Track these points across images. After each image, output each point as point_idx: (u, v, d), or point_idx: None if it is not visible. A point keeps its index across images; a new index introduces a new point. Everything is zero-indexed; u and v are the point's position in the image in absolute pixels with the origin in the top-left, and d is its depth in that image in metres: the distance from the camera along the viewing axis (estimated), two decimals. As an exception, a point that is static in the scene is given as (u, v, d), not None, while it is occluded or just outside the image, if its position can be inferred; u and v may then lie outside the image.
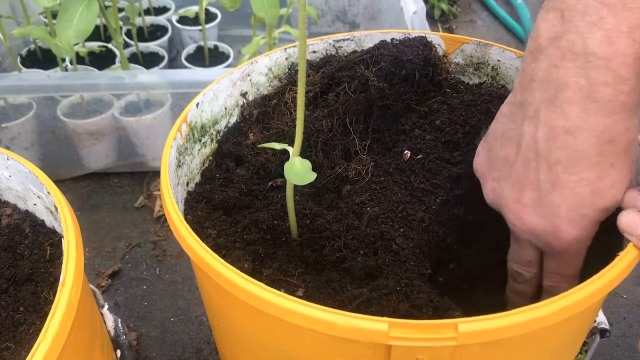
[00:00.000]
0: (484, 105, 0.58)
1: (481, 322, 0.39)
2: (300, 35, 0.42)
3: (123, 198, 1.16)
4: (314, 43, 0.70)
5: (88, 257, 1.03)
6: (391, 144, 0.59)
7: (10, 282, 0.54)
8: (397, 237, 0.50)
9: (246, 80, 0.68)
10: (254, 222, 0.54)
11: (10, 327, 0.51)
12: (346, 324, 0.39)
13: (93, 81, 1.00)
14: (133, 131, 1.12)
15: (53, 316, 0.42)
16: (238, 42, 1.55)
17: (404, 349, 0.40)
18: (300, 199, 0.57)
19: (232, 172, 0.62)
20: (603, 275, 0.41)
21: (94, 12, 0.88)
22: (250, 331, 0.49)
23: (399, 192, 0.54)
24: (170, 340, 0.90)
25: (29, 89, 1.00)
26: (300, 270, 0.51)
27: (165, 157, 0.55)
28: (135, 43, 1.35)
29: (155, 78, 1.00)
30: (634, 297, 0.96)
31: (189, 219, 0.56)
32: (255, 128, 0.65)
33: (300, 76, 0.44)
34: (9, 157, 0.58)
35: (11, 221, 0.60)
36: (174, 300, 0.96)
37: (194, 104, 0.62)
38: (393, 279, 0.47)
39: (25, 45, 1.40)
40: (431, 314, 0.45)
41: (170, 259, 1.03)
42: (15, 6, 1.40)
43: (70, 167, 1.17)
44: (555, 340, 0.46)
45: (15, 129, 1.08)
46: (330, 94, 0.61)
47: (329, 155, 0.59)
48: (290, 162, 0.48)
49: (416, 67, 0.60)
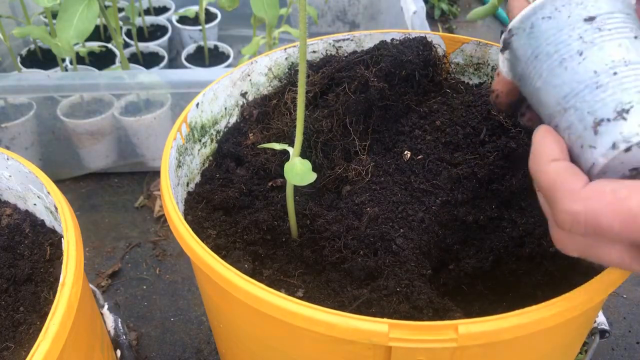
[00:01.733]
0: (484, 105, 0.58)
1: (481, 323, 0.39)
2: (301, 35, 0.42)
3: (123, 198, 1.16)
4: (314, 43, 0.70)
5: (88, 257, 1.02)
6: (391, 144, 0.59)
7: (10, 282, 0.54)
8: (397, 237, 0.50)
9: (246, 80, 0.68)
10: (254, 223, 0.54)
11: (10, 327, 0.51)
12: (346, 325, 0.39)
13: (93, 81, 1.00)
14: (133, 131, 1.12)
15: (53, 316, 0.42)
16: (238, 42, 1.55)
17: (404, 350, 0.40)
18: (300, 200, 0.56)
19: (232, 172, 0.62)
20: (603, 277, 0.41)
21: (94, 12, 0.88)
22: (250, 332, 0.49)
23: (399, 193, 0.54)
24: (170, 340, 0.90)
25: (29, 89, 1.00)
26: (300, 270, 0.51)
27: (165, 157, 0.55)
28: (135, 43, 1.35)
29: (155, 78, 1.00)
30: (634, 297, 0.96)
31: (189, 220, 0.56)
32: (255, 128, 0.65)
33: (300, 76, 0.44)
34: (9, 157, 0.58)
35: (11, 221, 0.60)
36: (174, 300, 0.96)
37: (194, 104, 0.62)
38: (393, 280, 0.47)
39: (25, 45, 1.40)
40: (431, 315, 0.45)
41: (170, 259, 1.03)
42: (15, 6, 1.40)
43: (70, 167, 1.17)
44: (555, 341, 0.46)
45: (15, 129, 1.08)
46: (330, 95, 0.61)
47: (329, 156, 0.59)
48: (290, 162, 0.48)
49: (416, 68, 0.60)
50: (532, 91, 0.41)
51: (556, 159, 0.37)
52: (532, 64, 0.40)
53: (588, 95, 0.36)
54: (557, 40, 0.39)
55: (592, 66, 0.37)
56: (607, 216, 0.32)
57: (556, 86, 0.38)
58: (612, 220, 0.32)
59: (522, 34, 0.41)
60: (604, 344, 0.90)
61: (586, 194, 0.34)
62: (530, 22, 0.40)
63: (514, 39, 0.42)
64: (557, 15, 0.39)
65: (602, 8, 0.38)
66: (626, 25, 0.38)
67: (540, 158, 0.37)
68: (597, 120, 0.36)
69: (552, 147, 0.37)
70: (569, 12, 0.39)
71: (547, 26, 0.39)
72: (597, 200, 0.33)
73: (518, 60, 0.42)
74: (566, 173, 0.35)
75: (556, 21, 0.39)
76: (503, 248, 0.52)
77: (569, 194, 0.34)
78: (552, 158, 0.37)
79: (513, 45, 0.42)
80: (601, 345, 0.89)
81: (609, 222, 0.32)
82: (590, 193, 0.34)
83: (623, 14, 0.39)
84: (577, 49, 0.38)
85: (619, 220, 0.32)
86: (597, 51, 0.37)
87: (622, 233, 0.32)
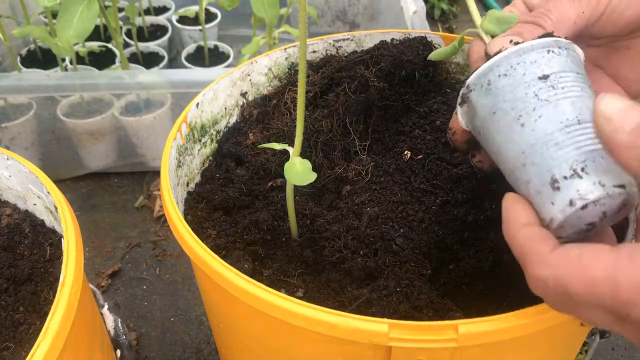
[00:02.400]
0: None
1: (481, 323, 0.39)
2: (301, 35, 0.42)
3: (123, 198, 1.16)
4: (314, 43, 0.70)
5: (88, 257, 1.02)
6: (391, 144, 0.59)
7: (10, 282, 0.54)
8: (397, 237, 0.50)
9: (246, 80, 0.68)
10: (254, 223, 0.54)
11: (10, 327, 0.51)
12: (346, 325, 0.39)
13: (93, 81, 1.00)
14: (133, 131, 1.12)
15: (53, 316, 0.42)
16: (238, 42, 1.55)
17: (404, 350, 0.40)
18: (300, 199, 0.56)
19: (232, 172, 0.62)
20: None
21: (94, 11, 0.88)
22: (250, 332, 0.49)
23: (399, 193, 0.54)
24: (170, 340, 0.90)
25: (29, 89, 1.00)
26: (300, 270, 0.51)
27: (165, 157, 0.55)
28: (135, 43, 1.35)
29: (155, 78, 1.00)
30: (634, 298, 0.96)
31: (189, 219, 0.56)
32: (255, 128, 0.65)
33: (300, 76, 0.44)
34: (9, 157, 0.58)
35: (11, 221, 0.60)
36: (174, 300, 0.96)
37: (193, 104, 0.62)
38: (393, 280, 0.47)
39: (25, 45, 1.40)
40: (431, 315, 0.45)
41: (170, 259, 1.03)
42: (15, 6, 1.40)
43: (70, 167, 1.17)
44: (555, 341, 0.46)
45: (15, 129, 1.08)
46: (330, 94, 0.61)
47: (329, 156, 0.59)
48: (290, 162, 0.48)
49: (416, 68, 0.60)
50: (491, 145, 0.42)
51: (525, 224, 0.37)
52: (491, 119, 0.41)
53: (545, 153, 0.38)
54: (513, 97, 0.40)
55: (548, 124, 0.38)
56: (573, 283, 0.32)
57: (514, 142, 0.39)
58: (577, 287, 0.32)
59: (480, 90, 0.42)
60: (604, 344, 0.90)
61: (554, 259, 0.34)
62: (487, 78, 0.42)
63: (472, 94, 0.43)
64: (513, 72, 0.41)
65: (555, 67, 0.40)
66: (577, 84, 0.39)
67: (511, 225, 0.38)
68: (554, 177, 0.37)
69: (521, 213, 0.38)
70: (524, 69, 0.40)
71: (504, 83, 0.41)
72: (563, 267, 0.33)
73: (476, 115, 0.43)
74: (535, 239, 0.36)
75: (512, 78, 0.40)
76: (503, 248, 0.52)
77: (537, 259, 0.35)
78: (521, 224, 0.38)
79: (472, 100, 0.43)
80: (601, 345, 0.89)
81: (575, 289, 0.32)
82: (557, 259, 0.34)
83: (574, 72, 0.40)
84: (533, 106, 0.39)
85: (584, 287, 0.32)
86: (552, 109, 0.38)
87: (589, 300, 0.32)
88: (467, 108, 0.44)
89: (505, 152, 0.40)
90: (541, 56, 0.40)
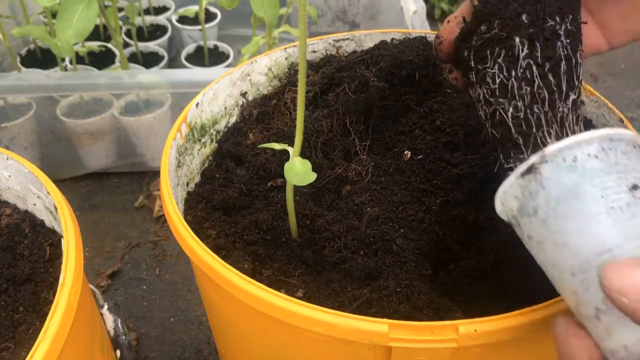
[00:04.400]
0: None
1: (482, 323, 0.39)
2: (300, 35, 0.42)
3: (123, 198, 1.15)
4: (314, 43, 0.70)
5: (88, 257, 1.02)
6: (391, 144, 0.59)
7: (10, 282, 0.54)
8: (397, 237, 0.50)
9: (246, 80, 0.68)
10: (253, 223, 0.54)
11: (10, 327, 0.50)
12: (346, 326, 0.39)
13: (93, 81, 1.00)
14: (133, 131, 1.12)
15: (53, 316, 0.42)
16: (238, 42, 1.55)
17: (405, 350, 0.40)
18: (300, 200, 0.56)
19: (232, 172, 0.62)
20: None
21: (93, 11, 0.88)
22: (250, 332, 0.49)
23: (399, 193, 0.54)
24: (170, 340, 0.90)
25: (29, 88, 1.00)
26: (300, 270, 0.51)
27: (165, 157, 0.55)
28: (135, 43, 1.35)
29: (155, 78, 1.00)
30: (634, 298, 0.96)
31: (188, 220, 0.56)
32: (255, 128, 0.65)
33: (300, 76, 0.44)
34: (9, 157, 0.58)
35: (11, 221, 0.60)
36: (174, 300, 0.96)
37: (193, 104, 0.62)
38: (393, 280, 0.47)
39: (25, 45, 1.39)
40: (432, 315, 0.45)
41: (170, 259, 1.03)
42: (15, 6, 1.39)
43: (70, 167, 1.17)
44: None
45: (15, 129, 1.08)
46: (330, 94, 0.60)
47: (329, 156, 0.59)
48: (290, 162, 0.48)
49: (416, 67, 0.60)
50: (543, 233, 0.36)
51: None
52: (567, 200, 0.35)
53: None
54: (604, 184, 0.34)
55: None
56: None
57: (599, 235, 0.33)
58: None
59: (561, 164, 0.36)
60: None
61: None
62: (572, 154, 0.36)
63: (546, 166, 0.36)
64: (604, 157, 0.35)
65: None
66: None
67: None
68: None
69: (581, 353, 0.35)
70: (615, 158, 0.35)
71: (593, 165, 0.35)
72: None
73: (542, 190, 0.36)
74: None
75: (604, 163, 0.35)
76: (503, 248, 0.52)
77: None
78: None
79: (543, 172, 0.36)
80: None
81: None
82: None
83: None
84: (626, 200, 0.33)
85: None
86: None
87: None
88: (529, 181, 0.37)
89: (575, 244, 0.34)
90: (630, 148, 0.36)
